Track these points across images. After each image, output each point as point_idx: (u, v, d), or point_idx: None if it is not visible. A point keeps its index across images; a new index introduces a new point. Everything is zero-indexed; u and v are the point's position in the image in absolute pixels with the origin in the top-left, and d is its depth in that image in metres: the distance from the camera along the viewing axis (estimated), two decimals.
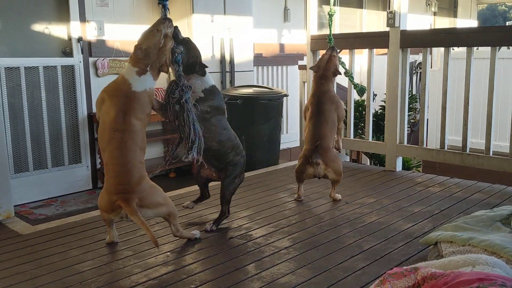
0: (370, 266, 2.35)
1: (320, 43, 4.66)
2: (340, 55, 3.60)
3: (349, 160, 6.28)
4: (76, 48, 4.67)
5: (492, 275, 1.51)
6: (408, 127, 4.41)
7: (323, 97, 3.43)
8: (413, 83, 8.25)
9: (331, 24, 3.77)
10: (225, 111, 2.86)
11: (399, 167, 4.29)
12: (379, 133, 5.56)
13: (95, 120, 4.77)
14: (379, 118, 5.79)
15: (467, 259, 1.73)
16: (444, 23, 10.30)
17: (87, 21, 4.73)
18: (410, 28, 4.18)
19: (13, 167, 4.28)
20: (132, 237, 2.74)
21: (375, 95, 5.60)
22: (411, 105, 6.36)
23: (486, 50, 4.01)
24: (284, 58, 6.74)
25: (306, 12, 4.85)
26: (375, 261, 2.39)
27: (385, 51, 4.30)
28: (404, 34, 4.10)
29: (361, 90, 3.85)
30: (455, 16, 10.63)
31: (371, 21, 8.74)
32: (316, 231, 2.83)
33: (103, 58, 4.87)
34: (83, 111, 4.73)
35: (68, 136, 4.67)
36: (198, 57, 2.74)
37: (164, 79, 4.85)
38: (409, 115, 5.36)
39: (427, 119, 4.89)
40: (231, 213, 3.15)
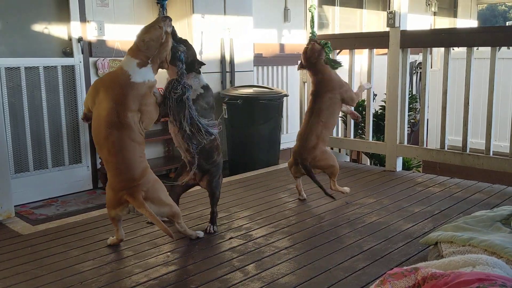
0: (370, 266, 2.35)
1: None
2: (325, 41, 3.53)
3: (349, 160, 6.29)
4: (76, 48, 4.67)
5: (492, 275, 1.51)
6: (408, 127, 4.41)
7: (320, 89, 3.38)
8: (413, 83, 8.25)
9: (312, 19, 3.78)
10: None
11: (399, 167, 4.29)
12: (379, 133, 5.56)
13: None
14: (379, 118, 5.79)
15: (467, 259, 1.74)
16: (444, 23, 10.30)
17: (87, 21, 4.73)
18: (410, 28, 4.18)
19: (14, 167, 4.28)
20: (132, 237, 2.75)
21: (375, 95, 5.61)
22: (411, 105, 6.36)
23: (486, 50, 4.01)
24: (284, 58, 6.74)
25: (306, 12, 4.84)
26: (375, 261, 2.40)
27: (385, 51, 4.30)
28: (404, 34, 4.10)
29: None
30: (455, 16, 10.63)
31: (371, 21, 8.74)
32: (316, 231, 2.84)
33: (103, 58, 4.87)
34: (83, 111, 4.73)
35: (68, 136, 4.67)
36: (195, 55, 2.80)
37: (164, 79, 4.84)
38: (409, 115, 5.36)
39: (427, 119, 4.90)
40: (231, 213, 3.17)
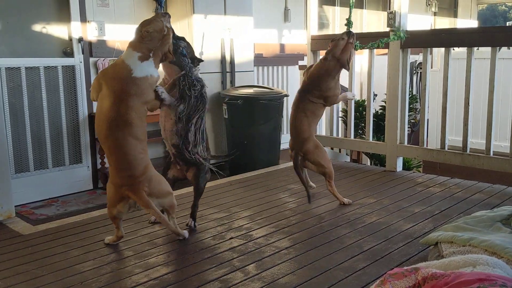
0: (370, 266, 2.35)
1: (320, 43, 4.67)
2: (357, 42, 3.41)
3: (349, 160, 6.29)
4: (76, 48, 4.67)
5: (492, 275, 1.51)
6: (408, 127, 4.41)
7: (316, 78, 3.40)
8: (414, 83, 8.25)
9: (352, 5, 3.61)
10: None
11: (399, 167, 4.29)
12: (380, 133, 5.56)
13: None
14: (380, 118, 5.79)
15: (468, 259, 1.74)
16: (444, 23, 10.31)
17: (88, 22, 4.73)
18: (410, 28, 4.18)
19: (14, 167, 4.28)
20: (133, 237, 2.75)
21: (375, 95, 5.60)
22: (411, 105, 6.36)
23: (486, 50, 4.01)
24: (284, 58, 6.74)
25: (306, 12, 4.85)
26: (375, 261, 2.40)
27: (385, 51, 4.30)
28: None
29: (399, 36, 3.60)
30: (455, 16, 10.63)
31: (371, 21, 8.74)
32: (316, 231, 2.84)
33: (103, 58, 4.87)
34: (83, 111, 4.73)
35: (68, 136, 4.67)
36: (194, 52, 2.84)
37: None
38: (409, 115, 5.36)
39: (428, 119, 4.90)
40: (232, 213, 3.17)
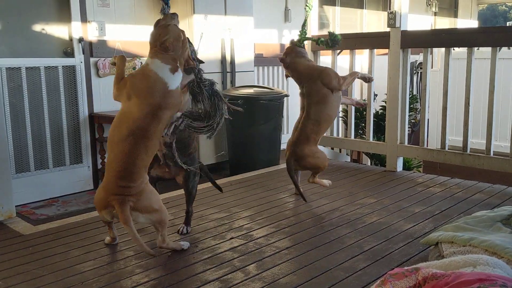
0: (371, 266, 2.35)
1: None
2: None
3: (349, 160, 6.29)
4: (77, 48, 4.67)
5: (493, 275, 1.51)
6: (408, 127, 4.42)
7: (302, 85, 3.47)
8: (414, 83, 8.26)
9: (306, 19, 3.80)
10: None
11: (399, 168, 4.29)
12: (380, 133, 5.56)
13: (96, 120, 4.77)
14: (380, 118, 5.80)
15: (468, 259, 1.74)
16: (444, 23, 10.30)
17: (88, 22, 4.73)
18: (410, 28, 4.18)
19: (15, 167, 4.28)
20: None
21: (375, 95, 5.62)
22: (411, 105, 6.37)
23: (486, 50, 4.01)
24: None
25: (306, 12, 4.83)
26: (376, 262, 2.40)
27: (385, 51, 4.31)
28: (404, 34, 4.10)
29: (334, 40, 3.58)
30: (456, 16, 10.63)
31: (371, 21, 8.74)
32: (317, 231, 2.84)
33: (104, 58, 4.87)
34: (84, 112, 4.73)
35: (69, 136, 4.67)
36: (196, 53, 2.80)
37: None
38: (409, 115, 5.37)
39: (428, 119, 4.90)
40: (232, 213, 3.17)
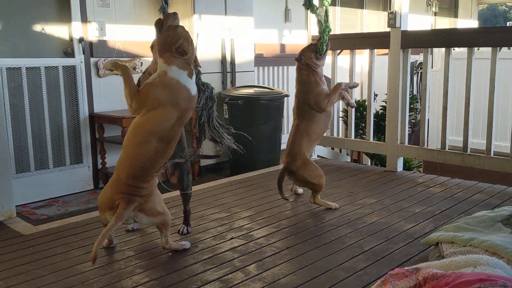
0: (371, 266, 2.35)
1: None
2: None
3: (350, 160, 6.29)
4: (77, 48, 4.67)
5: (493, 275, 1.51)
6: (409, 128, 4.42)
7: (300, 90, 3.59)
8: (414, 83, 8.26)
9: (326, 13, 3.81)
10: None
11: (400, 168, 4.29)
12: (380, 134, 5.56)
13: (96, 120, 4.77)
14: (380, 118, 5.80)
15: (468, 259, 1.74)
16: (444, 23, 10.31)
17: (89, 22, 4.74)
18: (410, 28, 4.18)
19: (15, 167, 4.28)
20: (133, 238, 2.75)
21: (376, 95, 5.61)
22: (412, 105, 6.37)
23: (487, 50, 4.01)
24: (285, 58, 6.73)
25: (307, 12, 4.84)
26: (376, 262, 2.40)
27: (386, 51, 4.30)
28: (405, 34, 4.10)
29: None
30: (456, 16, 10.64)
31: (371, 22, 8.74)
32: (317, 231, 2.84)
33: (104, 58, 4.87)
34: (84, 112, 4.74)
35: (69, 136, 4.68)
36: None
37: None
38: (410, 115, 5.36)
39: (428, 120, 4.90)
40: (232, 213, 3.17)
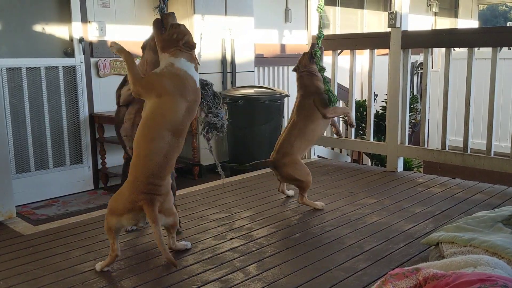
0: (371, 266, 2.35)
1: (321, 43, 4.65)
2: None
3: (350, 160, 6.28)
4: (77, 48, 4.68)
5: (493, 275, 1.51)
6: (409, 128, 4.41)
7: (302, 92, 3.63)
8: (414, 84, 8.26)
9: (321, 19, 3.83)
10: None
11: (400, 168, 4.29)
12: (380, 134, 5.56)
13: (96, 120, 4.77)
14: (380, 118, 5.80)
15: (469, 259, 1.74)
16: (445, 23, 10.31)
17: (89, 22, 4.74)
18: (411, 28, 4.18)
19: (15, 167, 4.29)
20: (133, 238, 2.75)
21: (376, 95, 5.60)
22: (412, 106, 6.37)
23: (487, 50, 4.01)
24: (285, 58, 6.74)
25: (307, 12, 4.84)
26: (376, 262, 2.40)
27: (386, 51, 4.30)
28: (405, 34, 4.09)
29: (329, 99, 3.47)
30: (456, 16, 10.65)
31: (372, 22, 8.75)
32: (317, 231, 2.84)
33: (104, 58, 4.88)
34: (84, 112, 4.74)
35: (69, 136, 4.68)
36: None
37: None
38: (410, 116, 5.36)
39: (428, 120, 4.90)
40: (232, 214, 3.17)
